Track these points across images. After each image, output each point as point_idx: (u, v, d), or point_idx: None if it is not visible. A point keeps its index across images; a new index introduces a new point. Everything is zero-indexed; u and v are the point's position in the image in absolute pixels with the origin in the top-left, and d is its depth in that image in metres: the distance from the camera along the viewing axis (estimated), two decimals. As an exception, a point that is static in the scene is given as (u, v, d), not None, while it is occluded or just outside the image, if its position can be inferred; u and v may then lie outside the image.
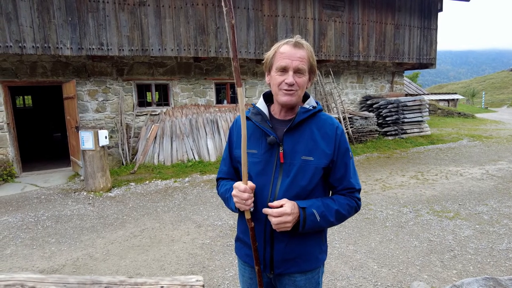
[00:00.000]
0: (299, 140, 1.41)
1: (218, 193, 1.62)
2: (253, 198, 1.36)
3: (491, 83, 50.95)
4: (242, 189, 1.33)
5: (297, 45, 1.37)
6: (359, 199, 1.48)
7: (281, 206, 1.32)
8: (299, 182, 1.39)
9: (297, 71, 1.36)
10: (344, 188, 1.46)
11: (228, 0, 1.13)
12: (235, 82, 1.26)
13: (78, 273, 3.48)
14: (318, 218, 1.36)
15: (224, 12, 1.17)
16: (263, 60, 1.47)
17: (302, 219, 1.34)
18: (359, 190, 1.49)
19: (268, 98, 1.53)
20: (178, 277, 1.06)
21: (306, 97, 1.50)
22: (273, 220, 1.32)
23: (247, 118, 1.46)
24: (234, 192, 1.36)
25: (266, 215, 1.37)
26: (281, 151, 1.40)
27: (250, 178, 1.41)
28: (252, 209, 1.38)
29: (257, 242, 1.43)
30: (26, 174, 7.67)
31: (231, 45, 1.22)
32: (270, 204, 1.35)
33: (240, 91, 1.26)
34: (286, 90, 1.37)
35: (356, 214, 4.77)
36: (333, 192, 1.51)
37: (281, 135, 1.42)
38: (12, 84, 7.38)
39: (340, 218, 1.43)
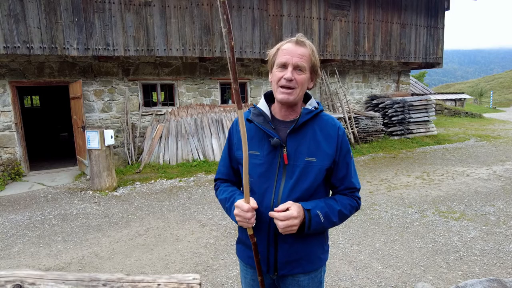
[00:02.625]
0: (302, 142, 1.40)
1: (217, 197, 1.61)
2: (255, 215, 1.35)
3: (499, 82, 50.26)
4: (246, 209, 1.31)
5: (299, 42, 1.36)
6: (360, 198, 1.51)
7: (287, 209, 1.31)
8: (302, 184, 1.39)
9: (297, 68, 1.35)
10: (346, 188, 1.47)
11: (227, 20, 1.08)
12: (236, 104, 1.21)
13: (84, 271, 3.51)
14: (322, 219, 1.36)
15: (223, 33, 1.11)
16: (268, 59, 1.47)
17: (307, 220, 1.34)
18: (359, 190, 1.51)
19: (269, 98, 1.51)
20: (175, 275, 1.07)
21: (307, 97, 1.49)
22: (279, 224, 1.31)
23: (248, 121, 1.45)
24: (236, 212, 1.34)
25: (270, 217, 1.36)
26: (285, 152, 1.39)
27: (251, 179, 1.40)
28: (254, 225, 1.37)
29: (261, 244, 1.42)
30: (33, 173, 7.77)
31: (231, 68, 1.15)
32: (276, 209, 1.33)
33: (241, 113, 1.21)
34: (283, 87, 1.35)
35: (361, 214, 4.80)
36: (334, 192, 1.51)
37: (283, 136, 1.41)
38: (20, 84, 7.48)
39: (343, 217, 1.44)
